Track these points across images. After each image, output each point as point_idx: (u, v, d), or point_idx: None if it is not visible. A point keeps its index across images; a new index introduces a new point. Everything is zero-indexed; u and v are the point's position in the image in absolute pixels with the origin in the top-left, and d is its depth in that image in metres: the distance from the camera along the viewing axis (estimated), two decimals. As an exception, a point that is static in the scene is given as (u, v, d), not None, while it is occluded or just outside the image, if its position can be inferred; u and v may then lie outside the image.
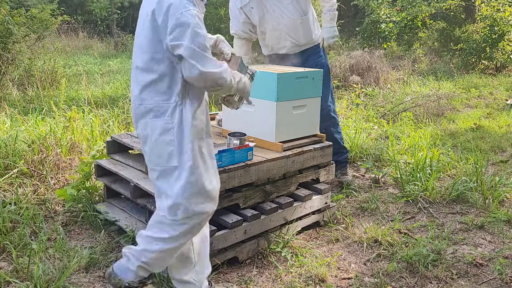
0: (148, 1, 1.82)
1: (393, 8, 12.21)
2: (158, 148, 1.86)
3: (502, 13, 10.13)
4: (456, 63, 10.65)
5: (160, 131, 1.84)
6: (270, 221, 2.64)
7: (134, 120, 1.91)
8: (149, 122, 1.85)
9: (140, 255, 1.98)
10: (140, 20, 1.85)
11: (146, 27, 1.80)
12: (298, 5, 3.38)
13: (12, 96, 6.09)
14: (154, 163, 1.89)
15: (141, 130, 1.88)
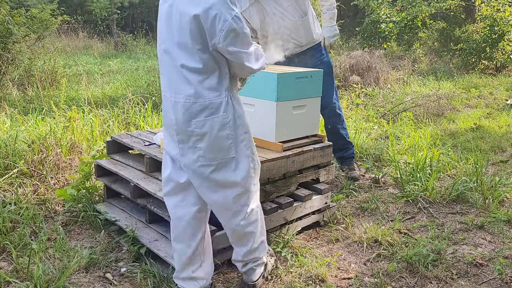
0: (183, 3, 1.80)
1: (393, 8, 12.22)
2: (217, 143, 1.91)
3: (502, 13, 10.13)
4: (456, 63, 10.66)
5: (219, 127, 1.89)
6: (270, 221, 2.64)
7: (185, 119, 1.88)
8: (207, 120, 1.88)
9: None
10: (176, 21, 1.82)
11: (190, 29, 1.79)
12: (298, 6, 3.39)
13: (12, 96, 6.09)
14: (210, 158, 1.93)
15: (197, 128, 1.88)
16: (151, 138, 2.97)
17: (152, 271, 2.35)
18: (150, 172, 2.73)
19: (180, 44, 1.83)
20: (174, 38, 1.84)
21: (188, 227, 2.06)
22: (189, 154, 1.94)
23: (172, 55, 1.86)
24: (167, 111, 1.96)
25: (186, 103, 1.87)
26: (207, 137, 1.90)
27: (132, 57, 13.35)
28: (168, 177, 2.07)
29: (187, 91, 1.86)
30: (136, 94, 5.89)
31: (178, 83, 1.87)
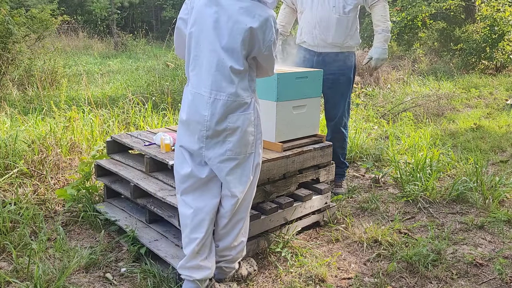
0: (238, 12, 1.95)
1: (393, 8, 12.22)
2: (245, 138, 2.08)
3: (502, 13, 10.14)
4: (456, 63, 10.66)
5: (248, 123, 2.07)
6: (270, 221, 2.64)
7: (222, 114, 2.02)
8: (241, 115, 2.05)
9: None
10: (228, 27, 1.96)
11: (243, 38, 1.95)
12: (344, 2, 3.28)
13: (12, 96, 6.09)
14: (238, 152, 2.08)
15: (231, 123, 2.04)
16: (151, 138, 2.97)
17: (152, 271, 2.35)
18: (150, 172, 2.73)
19: (228, 48, 1.98)
20: (222, 42, 1.98)
21: (207, 217, 2.14)
22: (216, 148, 2.06)
23: (221, 56, 1.99)
24: (198, 107, 2.04)
25: (228, 100, 2.01)
26: (239, 131, 2.05)
27: (132, 57, 13.35)
28: (189, 174, 2.12)
29: (230, 90, 2.01)
30: (136, 94, 5.89)
31: (223, 82, 2.01)
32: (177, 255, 2.38)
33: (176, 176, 2.17)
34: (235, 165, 2.09)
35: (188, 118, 2.08)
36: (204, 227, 2.13)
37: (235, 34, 1.96)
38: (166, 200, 2.39)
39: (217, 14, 1.97)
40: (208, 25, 1.99)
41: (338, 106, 3.49)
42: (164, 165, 2.59)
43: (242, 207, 2.21)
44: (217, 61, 1.99)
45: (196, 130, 2.06)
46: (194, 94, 2.06)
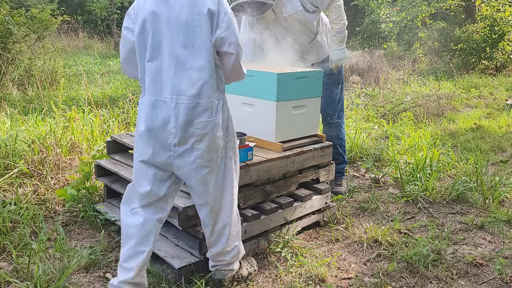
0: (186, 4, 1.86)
1: (393, 8, 12.23)
2: (215, 144, 1.98)
3: (502, 13, 10.14)
4: (456, 63, 10.66)
5: (217, 128, 1.97)
6: (270, 221, 2.64)
7: (186, 119, 1.90)
8: (209, 122, 1.94)
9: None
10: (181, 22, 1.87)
11: (201, 26, 1.87)
12: (308, 30, 3.30)
13: (12, 96, 6.09)
14: (208, 159, 1.99)
15: (199, 129, 1.93)
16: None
17: (152, 271, 2.35)
18: (150, 172, 2.72)
19: (187, 45, 1.88)
20: (179, 40, 1.88)
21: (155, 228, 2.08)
22: (185, 156, 1.96)
23: (179, 57, 1.89)
24: (160, 115, 1.93)
25: (190, 104, 1.90)
26: (207, 137, 1.95)
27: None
28: (148, 193, 2.03)
29: (191, 92, 1.90)
30: (136, 94, 5.89)
31: (183, 84, 1.90)
32: (177, 255, 2.38)
33: (133, 192, 2.07)
34: (206, 173, 2.00)
35: (150, 127, 1.94)
36: (151, 239, 2.06)
37: (194, 26, 1.86)
38: (166, 200, 2.38)
39: (169, 12, 1.87)
40: (161, 27, 1.89)
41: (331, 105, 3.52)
42: (164, 165, 2.59)
43: (223, 213, 2.12)
44: (176, 63, 1.89)
45: (161, 139, 1.94)
46: (154, 102, 1.93)
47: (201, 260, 2.34)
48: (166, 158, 1.97)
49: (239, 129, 2.74)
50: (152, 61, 1.92)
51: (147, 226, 2.05)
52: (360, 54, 8.77)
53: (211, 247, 2.21)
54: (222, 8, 1.89)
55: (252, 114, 2.79)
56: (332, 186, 3.58)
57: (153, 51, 1.91)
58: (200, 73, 1.90)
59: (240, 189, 2.51)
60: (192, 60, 1.89)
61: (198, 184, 2.03)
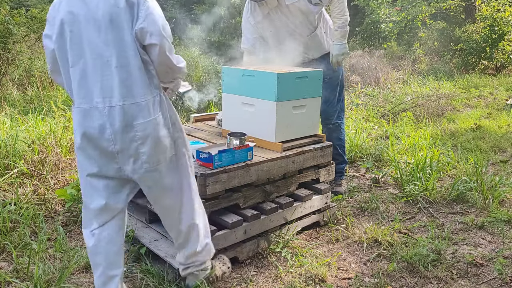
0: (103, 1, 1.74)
1: (393, 8, 12.23)
2: (161, 144, 1.86)
3: (502, 13, 10.14)
4: (456, 63, 10.66)
5: (159, 127, 1.85)
6: (270, 221, 2.64)
7: (123, 122, 1.78)
8: (149, 122, 1.81)
9: None
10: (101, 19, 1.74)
11: (120, 21, 1.74)
12: (309, 22, 3.30)
13: (12, 96, 6.09)
14: (155, 161, 1.87)
15: (140, 132, 1.80)
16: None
17: (152, 271, 2.35)
18: (150, 172, 2.72)
19: (110, 42, 1.75)
20: (102, 39, 1.75)
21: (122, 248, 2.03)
22: (131, 163, 1.84)
23: (104, 56, 1.75)
24: (94, 123, 1.79)
25: (124, 105, 1.77)
26: (150, 139, 1.82)
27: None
28: (103, 207, 1.92)
29: (122, 92, 1.77)
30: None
31: (112, 86, 1.76)
32: (177, 255, 2.38)
33: (88, 212, 1.94)
34: (157, 176, 1.90)
35: (87, 138, 1.81)
36: (120, 260, 1.99)
37: (112, 21, 1.73)
38: (166, 200, 2.38)
39: (85, 10, 1.75)
40: (80, 27, 1.75)
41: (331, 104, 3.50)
42: (164, 165, 2.59)
43: (185, 214, 2.04)
44: (101, 63, 1.75)
45: (102, 149, 1.81)
46: (85, 110, 1.79)
47: (201, 260, 2.34)
48: (114, 168, 1.86)
49: (239, 129, 2.75)
50: (75, 66, 1.78)
51: (112, 247, 1.96)
52: (360, 54, 8.77)
53: (181, 250, 2.13)
54: (144, 1, 1.75)
55: (252, 114, 2.79)
56: (332, 186, 3.57)
57: (75, 54, 1.77)
58: (128, 70, 1.76)
59: (240, 189, 2.51)
60: (117, 58, 1.75)
61: (152, 189, 1.93)
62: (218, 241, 2.38)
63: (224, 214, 2.50)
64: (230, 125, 2.95)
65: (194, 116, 3.51)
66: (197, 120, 3.49)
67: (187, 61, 7.79)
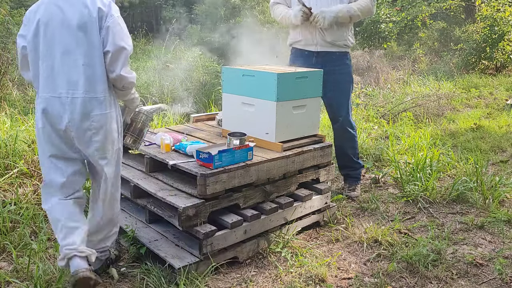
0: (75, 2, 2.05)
1: (393, 8, 12.23)
2: (111, 136, 2.15)
3: (502, 13, 10.14)
4: (456, 63, 10.66)
5: (111, 120, 2.15)
6: (270, 221, 2.64)
7: (82, 112, 2.06)
8: (104, 115, 2.10)
9: None
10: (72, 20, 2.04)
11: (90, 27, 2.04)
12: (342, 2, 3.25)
13: (12, 96, 6.08)
14: (106, 150, 2.15)
15: (95, 122, 2.08)
16: (151, 138, 2.96)
17: (152, 271, 2.35)
18: (150, 172, 2.73)
19: (80, 44, 2.04)
20: (72, 40, 2.04)
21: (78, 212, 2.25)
22: (86, 149, 2.13)
23: (72, 55, 2.05)
24: (56, 111, 2.06)
25: (85, 98, 2.06)
26: (103, 130, 2.11)
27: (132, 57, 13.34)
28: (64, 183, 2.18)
29: (86, 86, 2.06)
30: (136, 94, 5.88)
31: (78, 80, 2.05)
32: (177, 255, 2.38)
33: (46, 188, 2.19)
34: (104, 164, 2.17)
35: (48, 124, 2.08)
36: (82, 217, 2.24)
37: (84, 27, 2.03)
38: (166, 200, 2.39)
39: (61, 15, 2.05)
40: (54, 29, 2.05)
41: (341, 106, 3.42)
42: (164, 165, 2.60)
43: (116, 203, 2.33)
44: (69, 61, 2.04)
45: (60, 134, 2.09)
46: (48, 99, 2.06)
47: (201, 260, 2.35)
48: (71, 150, 2.15)
49: (239, 129, 2.75)
50: (45, 62, 2.06)
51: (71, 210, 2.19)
52: (360, 54, 8.76)
53: (95, 234, 2.30)
54: (110, 10, 2.07)
55: (252, 114, 2.79)
56: (345, 189, 3.56)
57: (46, 52, 2.06)
58: (93, 69, 2.06)
59: (240, 189, 2.51)
60: (85, 57, 2.05)
61: (100, 175, 2.21)
62: (218, 241, 2.38)
63: (224, 214, 2.50)
64: (230, 125, 2.95)
65: (194, 116, 3.51)
66: (197, 120, 3.49)
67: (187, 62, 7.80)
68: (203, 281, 2.28)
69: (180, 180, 2.58)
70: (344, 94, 3.42)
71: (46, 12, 2.07)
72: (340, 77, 3.36)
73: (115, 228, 2.39)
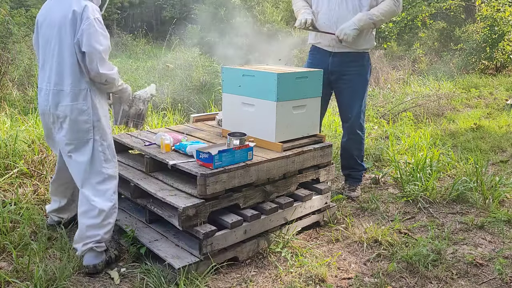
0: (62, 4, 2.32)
1: (393, 8, 12.20)
2: (77, 125, 2.36)
3: (502, 13, 10.14)
4: (456, 63, 10.65)
5: (77, 112, 2.34)
6: (270, 221, 2.64)
7: (52, 102, 2.35)
8: (68, 106, 2.34)
9: None
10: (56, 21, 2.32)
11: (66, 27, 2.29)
12: (360, 4, 3.20)
13: (12, 96, 6.08)
14: (71, 138, 2.38)
15: (60, 112, 2.35)
16: (151, 138, 2.97)
17: (152, 271, 2.35)
18: (150, 172, 2.73)
19: (60, 42, 2.31)
20: (55, 38, 2.32)
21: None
22: (58, 134, 2.42)
23: (54, 52, 2.33)
24: (41, 99, 2.41)
25: (55, 90, 2.35)
26: (68, 120, 2.35)
27: (132, 57, 13.34)
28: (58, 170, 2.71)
29: (57, 80, 2.34)
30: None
31: (53, 75, 2.35)
32: (177, 255, 2.38)
33: None
34: (71, 149, 2.40)
35: (40, 110, 2.44)
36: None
37: (62, 27, 2.30)
38: (166, 200, 2.39)
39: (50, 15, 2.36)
40: (45, 28, 2.37)
41: (353, 107, 3.38)
42: (164, 165, 2.60)
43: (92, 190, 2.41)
44: (52, 57, 2.34)
45: (46, 121, 2.45)
46: (39, 90, 2.43)
47: (201, 260, 2.35)
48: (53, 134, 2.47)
49: (239, 129, 2.75)
50: (40, 56, 2.44)
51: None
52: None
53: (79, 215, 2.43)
54: (85, 14, 2.27)
55: (252, 114, 2.79)
56: (346, 189, 3.56)
57: (41, 48, 2.42)
58: (62, 65, 2.32)
59: (240, 189, 2.51)
60: (58, 55, 2.32)
61: (67, 160, 2.44)
62: (218, 241, 2.38)
63: (224, 214, 2.50)
64: (230, 125, 2.95)
65: (194, 116, 3.51)
66: (197, 120, 3.49)
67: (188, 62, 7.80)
68: (203, 281, 2.28)
69: (180, 180, 2.58)
70: (356, 95, 3.37)
71: (42, 12, 2.43)
72: (354, 78, 3.32)
73: (104, 218, 2.41)
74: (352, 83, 3.33)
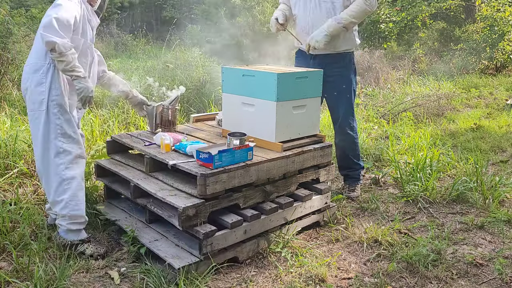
0: None
1: (393, 8, 12.22)
2: (33, 96, 2.47)
3: (502, 13, 10.14)
4: (456, 63, 10.65)
5: (35, 83, 2.46)
6: (270, 221, 2.64)
7: (23, 78, 2.53)
8: (29, 76, 2.48)
9: None
10: None
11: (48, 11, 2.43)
12: (333, 7, 3.19)
13: (12, 96, 6.08)
14: (30, 108, 2.50)
15: (23, 83, 2.52)
16: (151, 138, 2.97)
17: (152, 271, 2.35)
18: (150, 172, 2.73)
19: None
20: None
21: None
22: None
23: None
24: None
25: (27, 65, 2.53)
26: (28, 89, 2.49)
27: (132, 57, 13.33)
28: None
29: (29, 56, 2.55)
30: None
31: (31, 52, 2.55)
32: (177, 255, 2.38)
33: None
34: (30, 118, 2.53)
35: None
36: None
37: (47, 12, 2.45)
38: (166, 200, 2.39)
39: None
40: None
41: (339, 108, 3.40)
42: (164, 165, 2.60)
43: (45, 163, 2.52)
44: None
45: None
46: None
47: (201, 260, 2.35)
48: None
49: (239, 129, 2.75)
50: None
51: None
52: (360, 54, 8.75)
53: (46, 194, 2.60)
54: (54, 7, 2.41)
55: (252, 114, 2.79)
56: (345, 190, 3.56)
57: None
58: (36, 42, 2.50)
59: (240, 189, 2.51)
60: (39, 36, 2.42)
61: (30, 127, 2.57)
62: (218, 241, 2.38)
63: (224, 214, 2.50)
64: (230, 125, 2.95)
65: (194, 116, 3.51)
66: (197, 120, 3.49)
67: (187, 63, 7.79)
68: (203, 281, 2.28)
69: (180, 180, 2.58)
70: (341, 96, 3.38)
71: None
72: (337, 79, 3.32)
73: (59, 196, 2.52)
74: (335, 84, 3.33)
